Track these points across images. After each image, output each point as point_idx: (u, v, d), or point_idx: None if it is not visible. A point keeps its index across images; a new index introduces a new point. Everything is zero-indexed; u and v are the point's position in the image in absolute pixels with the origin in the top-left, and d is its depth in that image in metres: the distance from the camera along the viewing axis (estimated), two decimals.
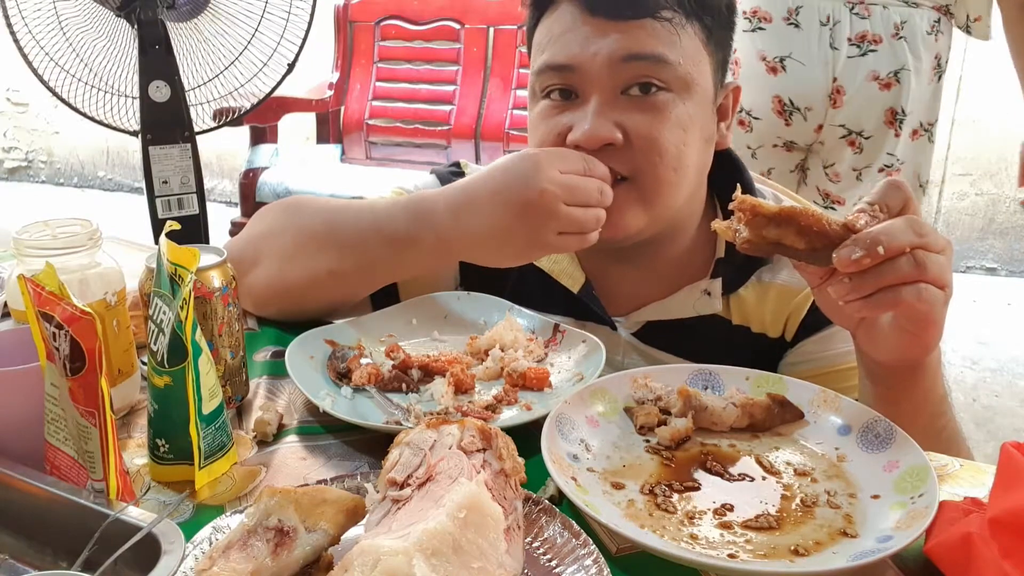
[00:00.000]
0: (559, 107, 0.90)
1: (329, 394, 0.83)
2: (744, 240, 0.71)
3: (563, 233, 0.85)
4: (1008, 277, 3.79)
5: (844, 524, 0.64)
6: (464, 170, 1.10)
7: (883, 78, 1.70)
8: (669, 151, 0.87)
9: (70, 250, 0.77)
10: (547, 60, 0.90)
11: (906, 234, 0.67)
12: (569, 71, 0.88)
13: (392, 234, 0.91)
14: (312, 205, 1.00)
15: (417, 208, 0.91)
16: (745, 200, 0.71)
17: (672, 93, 0.87)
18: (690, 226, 0.98)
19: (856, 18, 1.68)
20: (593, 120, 0.86)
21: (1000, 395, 2.79)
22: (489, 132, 3.34)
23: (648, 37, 0.86)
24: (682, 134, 0.88)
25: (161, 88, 1.36)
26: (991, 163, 3.68)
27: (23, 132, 5.19)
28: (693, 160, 0.91)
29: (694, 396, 0.77)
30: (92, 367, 0.63)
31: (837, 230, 0.68)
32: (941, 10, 1.70)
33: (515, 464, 0.62)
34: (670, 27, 0.86)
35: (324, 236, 0.95)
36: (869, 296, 0.68)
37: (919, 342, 0.74)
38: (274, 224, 1.00)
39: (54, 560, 0.61)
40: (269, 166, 3.09)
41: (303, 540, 0.57)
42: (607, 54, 0.86)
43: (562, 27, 0.89)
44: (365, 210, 0.95)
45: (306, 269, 0.95)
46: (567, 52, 0.88)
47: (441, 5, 3.40)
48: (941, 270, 0.68)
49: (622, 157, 0.88)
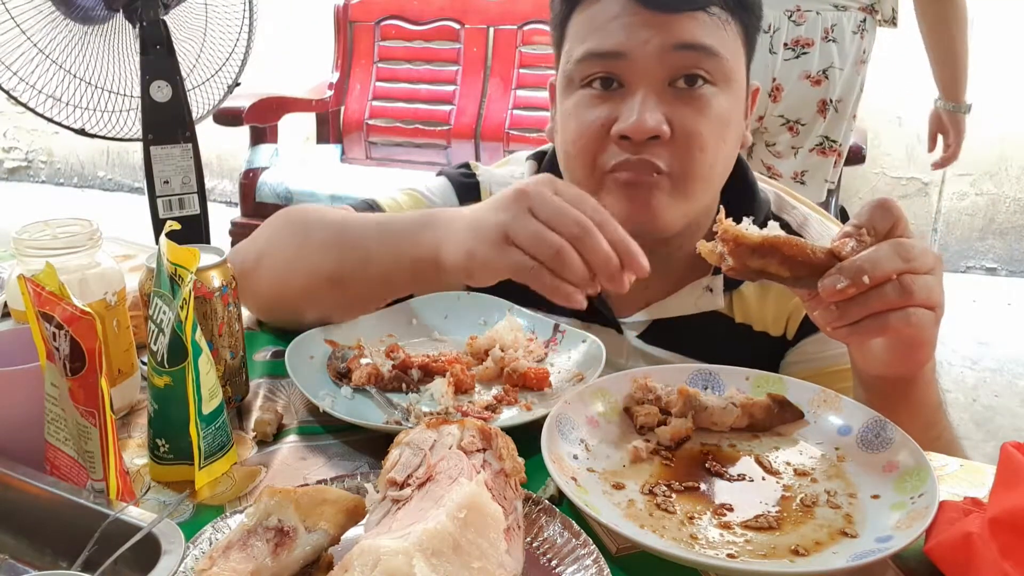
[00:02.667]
0: (601, 97, 0.88)
1: (329, 394, 0.83)
2: (728, 267, 0.70)
3: (522, 250, 0.74)
4: (1008, 277, 3.79)
5: (844, 524, 0.64)
6: (474, 171, 1.09)
7: (814, 76, 2.01)
8: (709, 146, 0.87)
9: (70, 250, 0.77)
10: (593, 47, 0.87)
11: (892, 261, 0.66)
12: (617, 58, 0.86)
13: (395, 240, 0.88)
14: (320, 212, 0.98)
15: (424, 216, 0.88)
16: (728, 230, 0.70)
17: (716, 87, 0.87)
18: (703, 224, 0.97)
19: (793, 25, 1.98)
20: (642, 111, 0.85)
21: (1000, 395, 2.78)
22: (489, 132, 3.34)
23: (698, 28, 0.85)
24: (722, 129, 0.88)
25: (163, 88, 1.36)
26: (991, 163, 3.68)
27: (23, 132, 5.19)
28: (726, 156, 0.91)
29: (694, 396, 0.77)
30: (92, 367, 0.63)
31: (822, 258, 0.68)
32: (866, 10, 1.99)
33: (515, 464, 0.62)
34: (718, 21, 0.86)
35: (328, 240, 0.93)
36: (856, 323, 0.67)
37: (910, 360, 0.74)
38: (280, 231, 0.99)
39: (54, 560, 0.61)
40: (269, 166, 3.08)
41: (303, 540, 0.57)
42: (659, 42, 0.85)
43: (608, 16, 0.87)
44: (377, 218, 0.93)
45: (308, 273, 0.93)
46: (615, 39, 0.86)
47: (441, 5, 3.40)
48: (929, 292, 0.67)
49: (665, 151, 0.86)
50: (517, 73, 3.33)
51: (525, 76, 3.33)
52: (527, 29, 3.32)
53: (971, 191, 3.74)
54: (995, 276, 3.80)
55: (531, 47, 3.31)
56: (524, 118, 3.30)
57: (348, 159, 3.49)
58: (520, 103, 3.31)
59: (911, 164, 3.73)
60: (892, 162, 3.75)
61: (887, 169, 3.76)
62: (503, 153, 3.27)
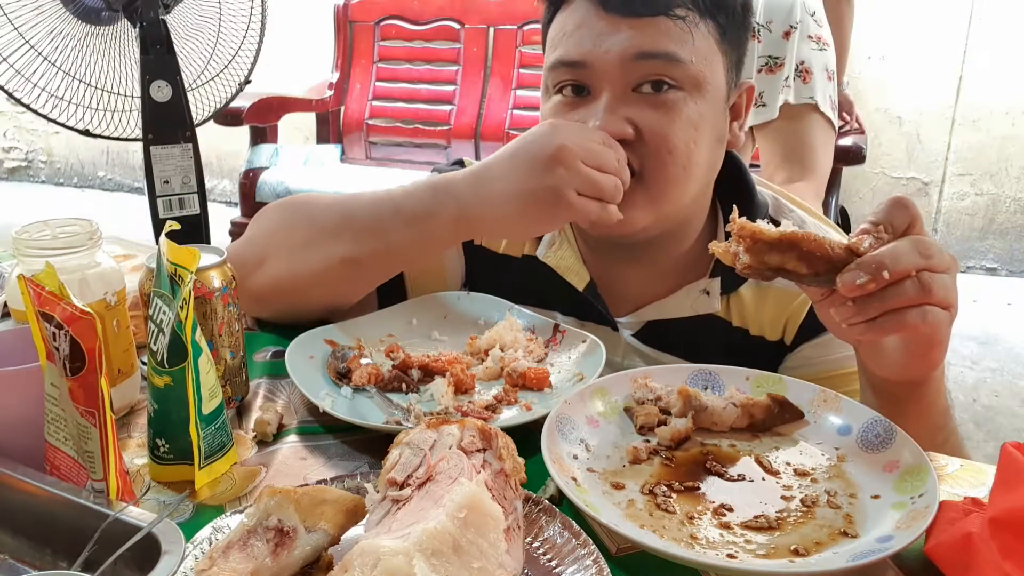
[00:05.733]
0: (571, 103, 0.90)
1: (329, 394, 0.83)
2: (744, 265, 0.70)
3: (583, 195, 0.84)
4: (1008, 277, 3.79)
5: (844, 524, 0.64)
6: (467, 166, 1.09)
7: None
8: (679, 149, 0.87)
9: (70, 250, 0.77)
10: (560, 56, 0.89)
11: (911, 256, 0.66)
12: (581, 67, 0.88)
13: (412, 213, 0.90)
14: (320, 199, 0.99)
15: (437, 184, 0.91)
16: (745, 227, 0.69)
17: (683, 92, 0.87)
18: (696, 226, 0.98)
19: None
20: (604, 116, 0.86)
21: (1000, 395, 2.78)
22: (489, 132, 3.33)
23: (660, 35, 0.86)
24: (693, 132, 0.88)
25: (163, 88, 1.36)
26: (991, 163, 3.68)
27: (23, 132, 5.19)
28: (703, 159, 0.90)
29: (694, 396, 0.77)
30: (92, 367, 0.63)
31: (840, 254, 0.67)
32: None
33: (515, 464, 0.62)
34: (683, 25, 0.86)
35: (337, 225, 0.94)
36: (873, 319, 0.67)
37: (924, 361, 0.73)
38: (280, 222, 0.99)
39: (54, 560, 0.61)
40: (269, 166, 3.08)
41: (303, 540, 0.57)
42: (619, 52, 0.86)
43: (575, 23, 0.89)
44: (381, 195, 0.94)
45: (319, 260, 0.93)
46: (579, 49, 0.88)
47: (441, 5, 3.40)
48: (946, 291, 0.67)
49: (633, 153, 0.87)
50: (517, 73, 3.33)
51: (525, 76, 3.33)
52: (527, 29, 3.32)
53: (971, 191, 3.74)
54: (995, 276, 3.80)
55: (531, 47, 3.31)
56: (524, 118, 3.30)
57: (348, 159, 3.49)
58: (520, 103, 3.31)
59: (911, 164, 3.73)
60: (892, 162, 3.74)
61: (887, 169, 3.75)
62: None
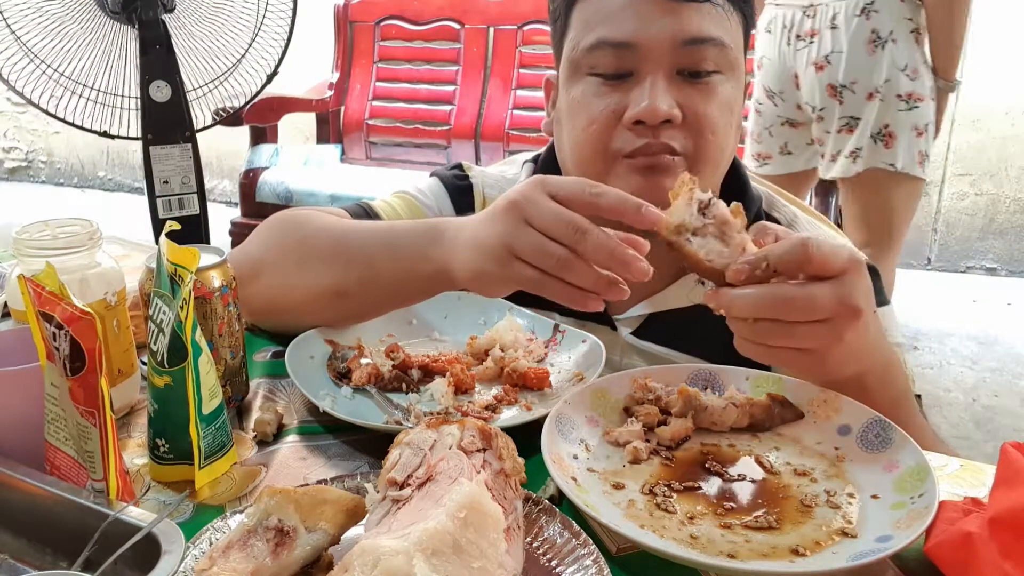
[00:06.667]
0: (611, 85, 0.89)
1: (329, 394, 0.83)
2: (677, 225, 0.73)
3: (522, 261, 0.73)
4: (1008, 277, 3.79)
5: (844, 524, 0.64)
6: (467, 172, 1.09)
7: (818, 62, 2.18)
8: (719, 129, 0.88)
9: (70, 250, 0.77)
10: (605, 35, 0.88)
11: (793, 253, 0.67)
12: (627, 48, 0.87)
13: (404, 255, 0.86)
14: (319, 220, 0.95)
15: (430, 229, 0.86)
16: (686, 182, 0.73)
17: (723, 75, 0.89)
18: None
19: (806, 18, 2.19)
20: (653, 96, 0.86)
21: (1000, 395, 2.78)
22: (489, 132, 3.34)
23: (707, 20, 0.87)
24: (729, 116, 0.89)
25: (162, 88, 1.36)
26: (991, 163, 3.68)
27: (23, 132, 5.19)
28: (732, 142, 0.92)
29: (694, 396, 0.77)
30: (92, 367, 0.63)
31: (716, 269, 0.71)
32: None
33: (515, 464, 0.62)
34: (722, 12, 0.88)
35: (330, 252, 0.91)
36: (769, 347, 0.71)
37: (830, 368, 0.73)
38: (278, 238, 0.97)
39: (54, 560, 0.61)
40: (269, 166, 3.09)
41: (303, 540, 0.57)
42: (671, 35, 0.86)
43: (619, 3, 0.88)
44: (380, 229, 0.91)
45: (308, 286, 0.91)
46: (626, 29, 0.87)
47: (441, 5, 3.40)
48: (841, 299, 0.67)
49: (679, 134, 0.88)
50: (517, 73, 3.34)
51: (525, 76, 3.33)
52: (527, 29, 3.32)
53: (971, 191, 3.74)
54: (995, 276, 3.80)
55: (531, 47, 3.32)
56: (524, 118, 3.30)
57: (348, 159, 3.49)
58: (520, 103, 3.31)
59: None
60: None
61: None
62: (503, 153, 3.27)
